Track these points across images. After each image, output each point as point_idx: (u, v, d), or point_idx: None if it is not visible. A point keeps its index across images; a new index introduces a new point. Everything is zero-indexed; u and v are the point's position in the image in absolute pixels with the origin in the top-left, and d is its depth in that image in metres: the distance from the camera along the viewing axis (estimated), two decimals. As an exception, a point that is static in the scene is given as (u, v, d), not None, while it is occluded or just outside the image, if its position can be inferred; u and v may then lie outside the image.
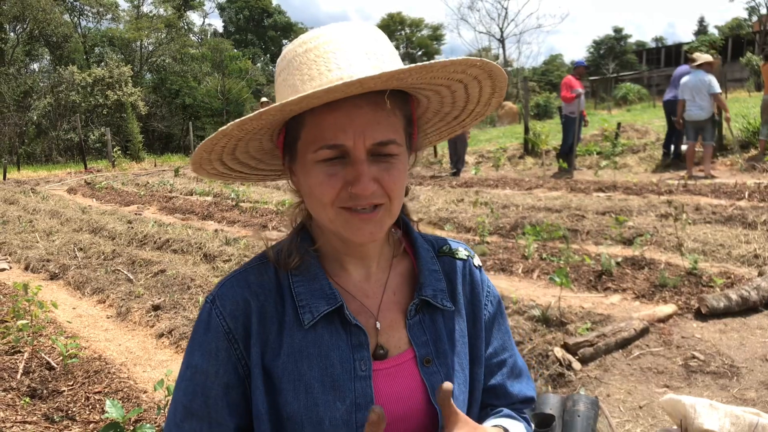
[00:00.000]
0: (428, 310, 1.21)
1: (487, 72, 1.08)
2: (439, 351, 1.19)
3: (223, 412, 1.12)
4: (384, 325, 1.18)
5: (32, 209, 13.30)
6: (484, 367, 1.29)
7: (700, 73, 11.14)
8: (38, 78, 41.74)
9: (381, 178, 1.05)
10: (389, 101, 1.03)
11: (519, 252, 6.95)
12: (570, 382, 4.05)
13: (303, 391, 1.09)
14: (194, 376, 1.13)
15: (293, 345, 1.11)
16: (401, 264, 1.26)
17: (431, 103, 1.19)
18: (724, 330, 4.71)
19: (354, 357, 1.12)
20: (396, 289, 1.22)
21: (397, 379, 1.15)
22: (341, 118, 1.02)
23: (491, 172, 15.43)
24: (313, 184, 1.07)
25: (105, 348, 5.14)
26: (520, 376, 1.35)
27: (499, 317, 1.34)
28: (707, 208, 8.34)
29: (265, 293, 1.15)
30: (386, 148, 1.05)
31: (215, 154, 1.13)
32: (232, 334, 1.12)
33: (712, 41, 44.74)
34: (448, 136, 1.33)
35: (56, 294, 6.81)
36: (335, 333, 1.12)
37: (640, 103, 35.53)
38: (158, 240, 8.89)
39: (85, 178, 20.32)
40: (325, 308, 1.12)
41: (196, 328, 1.16)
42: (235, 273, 1.19)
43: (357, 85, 0.94)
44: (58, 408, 3.93)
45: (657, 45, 68.56)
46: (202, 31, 59.39)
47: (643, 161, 13.78)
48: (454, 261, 1.29)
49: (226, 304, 1.13)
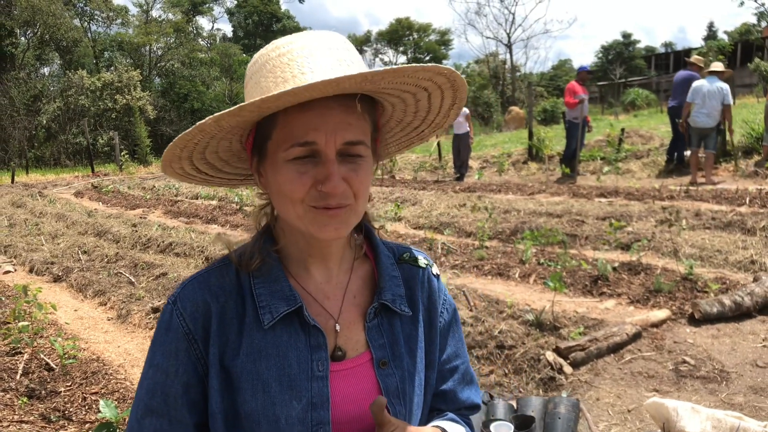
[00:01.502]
0: (387, 314, 1.24)
1: (451, 82, 1.12)
2: (396, 354, 1.22)
3: (182, 409, 1.15)
4: (343, 326, 1.21)
5: (39, 212, 13.42)
6: (436, 372, 1.33)
7: (715, 79, 11.09)
8: (48, 82, 42.04)
9: (349, 178, 1.08)
10: (360, 105, 1.07)
11: (517, 257, 6.99)
12: (561, 386, 4.09)
13: (261, 390, 1.12)
14: (155, 374, 1.16)
15: (252, 345, 1.14)
16: (362, 268, 1.29)
17: (395, 112, 1.23)
18: (716, 335, 4.73)
19: (312, 357, 1.15)
20: (356, 292, 1.26)
21: (354, 381, 1.19)
22: (314, 118, 1.06)
23: (495, 177, 15.46)
24: (283, 181, 1.10)
25: (104, 349, 5.20)
26: (470, 383, 1.39)
27: (454, 325, 1.37)
28: (707, 213, 8.35)
29: (226, 294, 1.17)
30: (355, 149, 1.08)
31: (186, 151, 1.16)
32: (191, 335, 1.15)
33: (721, 46, 44.53)
34: (405, 147, 1.38)
35: (59, 296, 6.89)
36: (294, 334, 1.16)
37: (648, 109, 35.42)
38: (161, 243, 8.97)
39: (93, 182, 20.45)
40: (285, 309, 1.15)
41: (158, 329, 1.19)
42: (196, 275, 1.22)
43: (334, 84, 0.98)
44: (55, 408, 4.00)
45: (666, 50, 68.38)
46: (210, 36, 59.68)
47: (647, 167, 13.78)
48: (414, 269, 1.32)
49: (186, 305, 1.16)
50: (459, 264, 6.97)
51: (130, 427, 1.18)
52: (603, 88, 46.21)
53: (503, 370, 4.35)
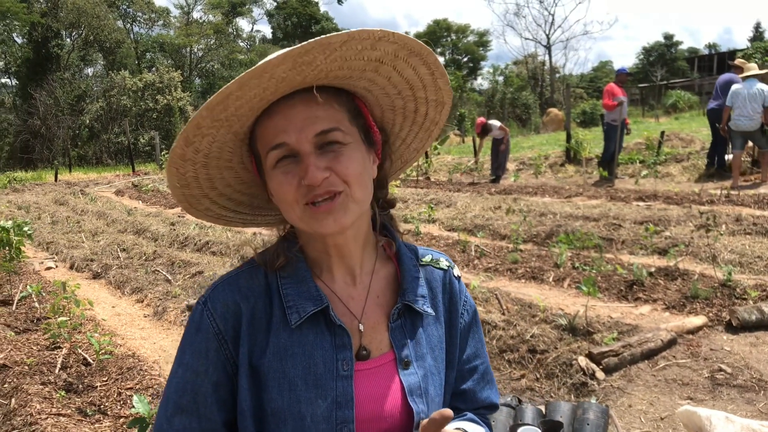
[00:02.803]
0: (410, 315, 1.27)
1: (402, 46, 1.09)
2: (418, 354, 1.25)
3: (212, 408, 1.18)
4: (367, 326, 1.23)
5: (80, 210, 13.72)
6: (456, 372, 1.35)
7: (754, 81, 10.89)
8: (91, 82, 42.96)
9: (332, 166, 1.11)
10: (321, 95, 1.09)
11: (551, 260, 6.92)
12: (592, 392, 4.04)
13: (287, 389, 1.15)
14: (185, 373, 1.19)
15: (279, 344, 1.17)
16: (385, 269, 1.31)
17: (379, 98, 1.23)
18: (755, 343, 4.63)
19: (337, 357, 1.17)
20: (379, 292, 1.28)
21: (377, 380, 1.21)
22: (280, 121, 1.10)
23: (531, 179, 15.33)
24: (275, 187, 1.15)
25: (140, 346, 5.30)
26: (489, 383, 1.41)
27: (474, 326, 1.39)
28: (748, 219, 8.16)
29: (255, 296, 1.20)
30: (330, 136, 1.11)
31: (195, 187, 1.22)
32: (222, 335, 1.18)
33: (767, 48, 43.58)
34: (428, 138, 1.36)
35: (97, 292, 7.04)
36: (320, 333, 1.18)
37: (690, 111, 34.79)
38: (198, 242, 9.10)
39: (133, 181, 20.82)
40: (312, 309, 1.17)
41: (189, 328, 1.22)
42: (226, 277, 1.25)
43: (261, 73, 0.99)
44: (91, 402, 4.08)
45: (710, 52, 67.08)
46: (250, 38, 60.40)
47: (687, 170, 13.52)
48: (436, 270, 1.35)
49: (217, 306, 1.19)
50: (492, 267, 6.93)
51: (159, 425, 1.21)
52: (644, 90, 45.57)
53: (535, 374, 4.32)
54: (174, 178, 1.18)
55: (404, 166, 1.44)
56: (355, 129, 1.17)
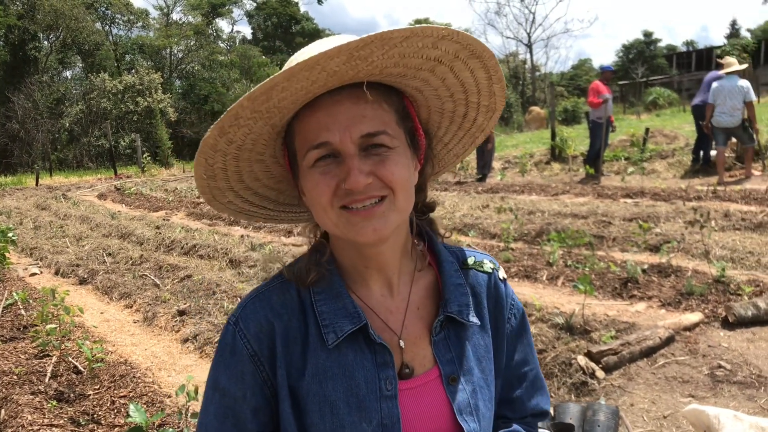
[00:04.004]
0: (453, 326, 1.18)
1: (465, 47, 1.02)
2: (465, 368, 1.16)
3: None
4: (408, 342, 1.15)
5: (63, 215, 13.54)
6: (503, 380, 1.28)
7: (734, 78, 10.97)
8: (71, 85, 42.53)
9: (377, 171, 1.02)
10: (372, 93, 1.01)
11: (544, 259, 6.90)
12: (593, 391, 4.01)
13: (329, 412, 1.08)
14: (222, 399, 1.12)
15: (317, 365, 1.09)
16: (425, 278, 1.22)
17: (429, 100, 1.15)
18: (751, 339, 4.63)
19: (379, 376, 1.10)
20: (419, 304, 1.19)
21: (423, 399, 1.13)
22: (323, 118, 1.02)
23: (517, 177, 15.34)
24: (310, 187, 1.06)
25: (131, 352, 5.20)
26: (540, 389, 1.33)
27: (523, 331, 1.31)
28: (736, 214, 8.21)
29: (289, 313, 1.13)
30: (376, 139, 1.02)
31: (221, 179, 1.14)
32: (257, 357, 1.10)
33: (744, 45, 44.06)
34: (471, 144, 1.29)
35: (85, 298, 6.92)
36: (360, 352, 1.11)
37: (670, 108, 35.05)
38: (185, 245, 8.99)
39: (115, 184, 20.62)
40: (350, 328, 1.09)
41: (221, 351, 1.14)
42: (256, 293, 1.17)
43: (312, 65, 0.91)
44: (84, 412, 3.99)
45: (688, 49, 67.68)
46: (230, 38, 59.98)
47: (672, 167, 13.60)
48: (480, 274, 1.26)
49: (249, 326, 1.12)
50: (484, 266, 6.89)
51: None
52: (624, 87, 45.85)
53: (534, 374, 4.29)
54: (201, 168, 1.09)
55: (440, 171, 1.35)
56: (402, 132, 1.09)
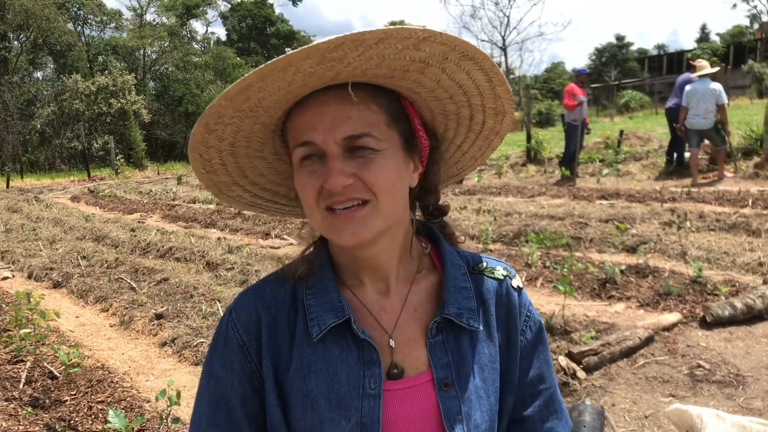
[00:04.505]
0: (453, 330, 1.13)
1: (453, 48, 0.98)
2: (461, 375, 1.11)
3: (243, 424, 1.10)
4: (400, 342, 1.12)
5: (35, 217, 13.31)
6: (516, 397, 1.20)
7: (707, 81, 11.12)
8: (42, 86, 41.87)
9: (359, 173, 1.01)
10: (358, 94, 1.00)
11: (522, 260, 6.93)
12: (575, 391, 4.03)
13: (309, 407, 1.06)
14: (216, 386, 1.12)
15: (302, 359, 1.08)
16: (427, 279, 1.18)
17: (427, 101, 1.12)
18: (729, 339, 4.68)
19: (364, 374, 1.07)
20: (418, 305, 1.15)
21: (410, 402, 1.09)
22: (310, 117, 1.01)
23: (494, 179, 15.41)
24: (299, 187, 1.06)
25: (108, 357, 5.12)
26: (555, 411, 1.23)
27: (540, 345, 1.24)
28: (711, 215, 8.32)
29: (278, 306, 1.12)
30: (360, 142, 1.00)
31: (219, 166, 1.13)
32: (245, 347, 1.11)
33: (714, 48, 44.82)
34: (488, 147, 1.24)
35: (59, 302, 6.80)
36: (345, 348, 1.08)
37: (642, 111, 35.55)
38: (161, 248, 8.89)
39: (89, 186, 20.33)
40: (333, 321, 1.07)
41: (216, 339, 1.15)
42: (253, 285, 1.18)
43: (284, 66, 0.91)
44: (60, 418, 3.91)
45: (659, 52, 68.63)
46: (204, 40, 59.53)
47: (646, 169, 13.75)
48: (489, 280, 1.20)
49: (240, 316, 1.12)
50: (464, 267, 6.90)
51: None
52: (596, 90, 46.34)
53: (515, 375, 4.29)
54: (198, 163, 1.09)
55: (461, 173, 1.32)
56: (395, 133, 1.06)
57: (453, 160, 1.28)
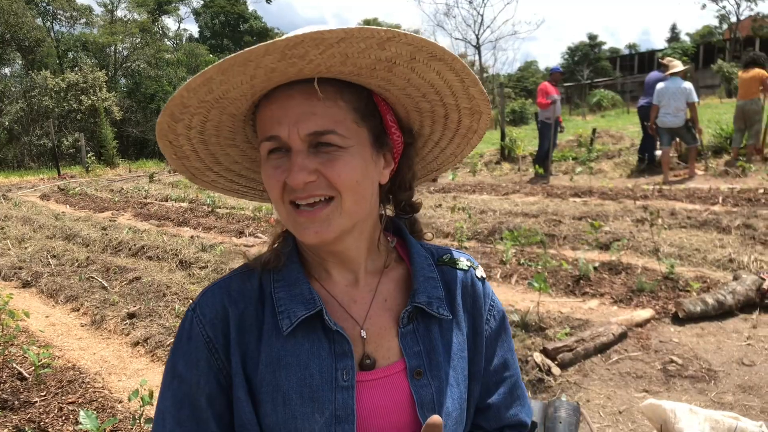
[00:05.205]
0: (423, 319, 1.14)
1: (420, 48, 0.96)
2: (433, 363, 1.11)
3: (210, 423, 1.07)
4: (372, 333, 1.12)
5: (3, 216, 13.07)
6: (481, 385, 1.22)
7: (678, 80, 11.24)
8: (9, 83, 41.08)
9: (323, 170, 1.00)
10: (325, 89, 0.99)
11: (497, 257, 6.96)
12: (549, 388, 4.05)
13: (281, 403, 1.04)
14: (180, 385, 1.08)
15: (272, 354, 1.06)
16: (395, 271, 1.19)
17: (399, 99, 1.10)
18: (701, 334, 4.74)
19: (336, 366, 1.06)
20: (388, 295, 1.16)
21: (384, 392, 1.09)
22: (276, 111, 1.00)
23: (468, 177, 15.45)
24: (265, 179, 1.05)
25: (79, 357, 5.04)
26: (518, 398, 1.26)
27: (503, 333, 1.26)
28: (682, 213, 8.42)
29: (245, 300, 1.10)
30: (324, 138, 1.00)
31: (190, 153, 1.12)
32: (212, 343, 1.08)
33: (684, 48, 45.46)
34: (466, 145, 1.24)
35: (29, 302, 6.68)
36: (316, 341, 1.07)
37: (614, 109, 35.90)
38: (133, 247, 8.77)
39: (59, 184, 20.03)
40: (304, 313, 1.06)
41: (179, 337, 1.11)
42: (218, 281, 1.15)
43: (244, 61, 0.90)
44: (30, 419, 3.84)
45: (630, 52, 69.39)
46: (177, 36, 58.96)
47: (619, 167, 13.88)
48: (454, 271, 1.22)
49: (206, 311, 1.09)
50: (439, 265, 6.90)
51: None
52: (569, 89, 46.69)
53: (491, 372, 4.30)
54: (169, 150, 1.08)
55: (440, 169, 1.32)
56: (363, 130, 1.05)
57: (431, 156, 1.28)
